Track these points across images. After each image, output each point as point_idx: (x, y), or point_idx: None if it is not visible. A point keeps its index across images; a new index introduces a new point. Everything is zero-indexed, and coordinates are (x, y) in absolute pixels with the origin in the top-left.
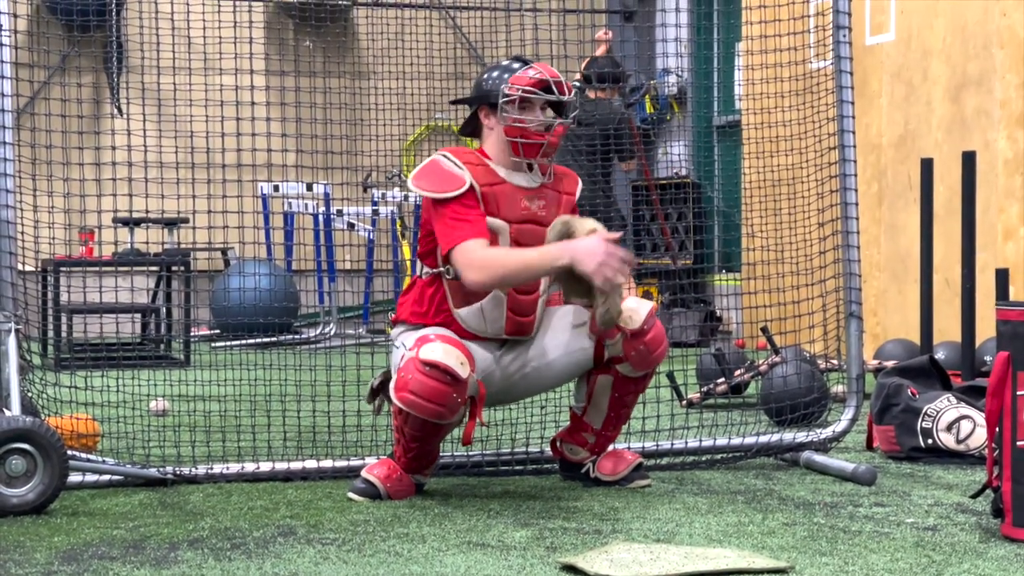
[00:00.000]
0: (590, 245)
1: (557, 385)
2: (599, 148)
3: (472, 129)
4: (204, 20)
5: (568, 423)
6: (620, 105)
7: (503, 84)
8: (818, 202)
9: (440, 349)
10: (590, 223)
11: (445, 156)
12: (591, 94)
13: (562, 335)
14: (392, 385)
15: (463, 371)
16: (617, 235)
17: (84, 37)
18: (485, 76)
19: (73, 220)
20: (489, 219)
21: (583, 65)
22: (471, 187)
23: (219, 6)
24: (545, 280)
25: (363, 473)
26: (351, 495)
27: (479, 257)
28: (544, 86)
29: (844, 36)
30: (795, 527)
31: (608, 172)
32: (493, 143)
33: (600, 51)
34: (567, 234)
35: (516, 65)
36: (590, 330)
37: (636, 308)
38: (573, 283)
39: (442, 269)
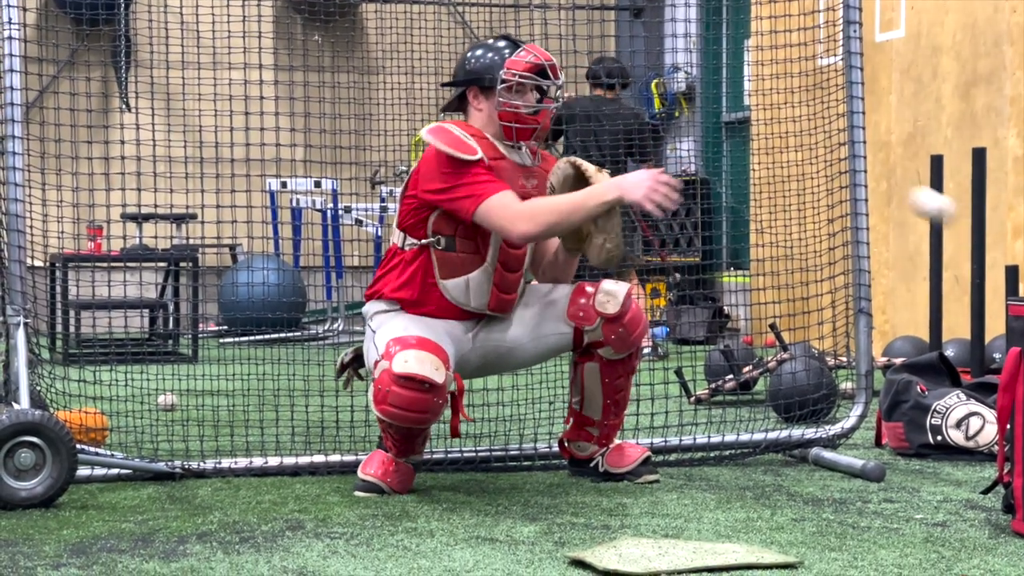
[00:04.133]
0: (636, 177)
1: (534, 364)
2: (622, 147)
3: (457, 106)
4: (212, 15)
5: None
6: (633, 105)
7: (498, 68)
8: (827, 199)
9: (414, 359)
10: (592, 165)
11: (453, 127)
12: (599, 92)
13: (540, 318)
14: (370, 396)
15: (439, 377)
16: (661, 169)
17: (92, 32)
18: (471, 56)
19: (81, 215)
20: None
21: (591, 62)
22: (482, 158)
23: (227, 1)
24: (527, 258)
25: (360, 473)
26: (357, 493)
27: (524, 208)
28: (539, 70)
29: (854, 32)
30: (804, 523)
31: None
32: (483, 124)
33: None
34: (575, 174)
35: (505, 47)
36: (595, 259)
37: (613, 291)
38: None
39: (431, 240)
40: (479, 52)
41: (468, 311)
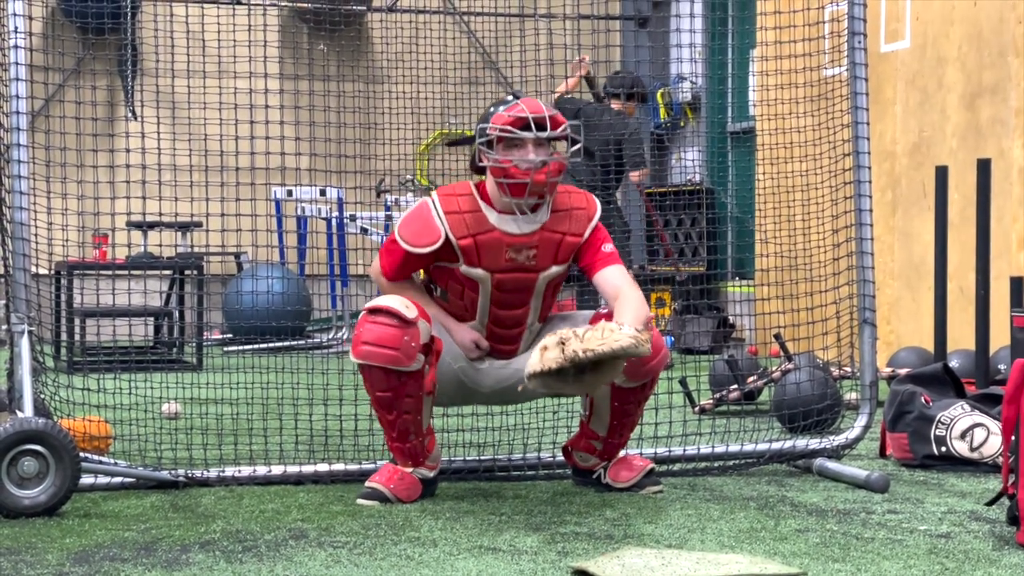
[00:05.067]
0: (459, 341)
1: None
2: (612, 154)
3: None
4: (219, 24)
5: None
6: (636, 118)
7: (487, 124)
8: (832, 209)
9: (385, 297)
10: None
11: (434, 204)
12: (612, 103)
13: None
14: (351, 352)
15: (409, 312)
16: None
17: (99, 40)
18: (483, 114)
19: (87, 223)
20: (469, 269)
21: (607, 76)
22: (442, 244)
23: (234, 10)
24: (532, 315)
25: (367, 483)
26: (361, 501)
27: (385, 283)
28: (523, 124)
29: (859, 43)
30: (808, 533)
31: (618, 179)
32: (489, 182)
33: (572, 83)
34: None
35: (502, 104)
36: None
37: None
38: (549, 381)
39: (432, 287)
40: (487, 110)
41: None
